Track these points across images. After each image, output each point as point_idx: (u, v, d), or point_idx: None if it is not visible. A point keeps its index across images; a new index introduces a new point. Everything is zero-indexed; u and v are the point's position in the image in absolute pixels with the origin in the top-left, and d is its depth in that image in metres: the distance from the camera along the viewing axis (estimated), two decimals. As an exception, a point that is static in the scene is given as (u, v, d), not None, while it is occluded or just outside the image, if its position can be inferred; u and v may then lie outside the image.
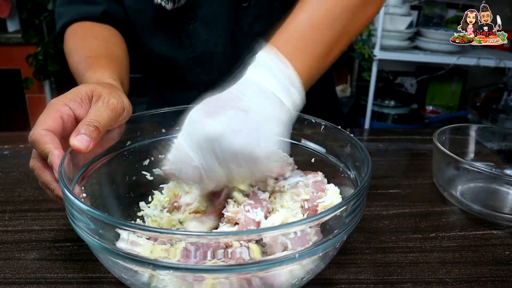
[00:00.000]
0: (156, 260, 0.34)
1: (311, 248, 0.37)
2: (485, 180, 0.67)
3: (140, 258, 0.35)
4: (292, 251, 0.36)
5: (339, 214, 0.38)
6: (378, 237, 0.57)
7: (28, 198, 0.65)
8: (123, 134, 0.54)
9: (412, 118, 2.45)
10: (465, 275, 0.51)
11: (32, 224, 0.58)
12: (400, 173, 0.78)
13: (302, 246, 0.36)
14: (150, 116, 0.57)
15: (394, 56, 2.15)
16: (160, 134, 0.58)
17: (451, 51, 2.14)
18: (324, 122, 0.54)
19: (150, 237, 0.36)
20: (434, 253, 0.55)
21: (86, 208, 0.36)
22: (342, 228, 0.39)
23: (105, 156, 0.52)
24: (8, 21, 2.30)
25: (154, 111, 0.57)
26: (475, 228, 0.61)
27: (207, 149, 0.41)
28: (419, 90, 2.70)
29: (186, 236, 0.34)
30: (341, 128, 0.53)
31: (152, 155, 0.56)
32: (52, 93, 2.35)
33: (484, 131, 0.79)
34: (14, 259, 0.51)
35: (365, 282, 0.49)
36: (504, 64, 2.11)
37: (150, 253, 0.35)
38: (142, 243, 0.36)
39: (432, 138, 0.68)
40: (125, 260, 0.35)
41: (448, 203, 0.67)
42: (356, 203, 0.40)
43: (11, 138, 0.88)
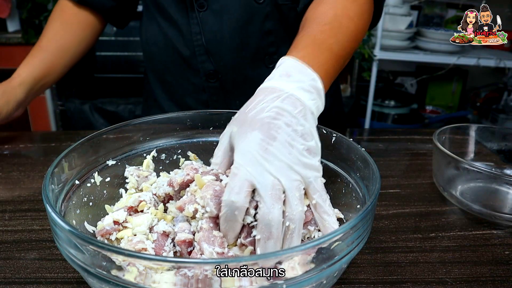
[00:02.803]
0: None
1: (302, 278, 0.34)
2: (485, 180, 0.67)
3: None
4: (279, 282, 0.33)
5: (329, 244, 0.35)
6: (378, 237, 0.57)
7: (28, 198, 0.65)
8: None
9: (412, 118, 2.45)
10: (465, 275, 0.51)
11: (32, 224, 0.58)
12: (400, 173, 0.78)
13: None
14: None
15: (394, 56, 2.15)
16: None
17: (451, 51, 2.14)
18: (335, 133, 0.52)
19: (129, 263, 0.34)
20: (434, 253, 0.55)
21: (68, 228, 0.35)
22: (338, 258, 0.36)
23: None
24: (8, 21, 2.29)
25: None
26: (475, 228, 0.61)
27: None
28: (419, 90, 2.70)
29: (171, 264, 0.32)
30: (353, 141, 0.51)
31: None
32: (52, 93, 2.35)
33: (484, 131, 0.79)
34: (14, 259, 0.51)
35: (365, 282, 0.49)
36: (504, 64, 2.11)
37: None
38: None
39: (432, 138, 0.68)
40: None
41: (448, 203, 0.67)
42: (354, 232, 0.37)
43: (11, 138, 0.88)
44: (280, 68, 0.48)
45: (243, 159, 0.40)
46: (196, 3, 0.77)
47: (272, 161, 0.40)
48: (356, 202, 0.48)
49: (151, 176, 0.55)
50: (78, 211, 0.48)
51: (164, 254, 0.44)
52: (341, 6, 0.61)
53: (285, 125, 0.42)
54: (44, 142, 0.91)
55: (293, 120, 0.42)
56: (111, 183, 0.54)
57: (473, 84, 2.68)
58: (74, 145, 0.49)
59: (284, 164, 0.40)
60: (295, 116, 0.43)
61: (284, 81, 0.46)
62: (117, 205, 0.52)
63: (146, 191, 0.52)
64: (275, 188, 0.39)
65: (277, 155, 0.40)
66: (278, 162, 0.40)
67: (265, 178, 0.39)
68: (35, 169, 0.74)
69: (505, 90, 2.52)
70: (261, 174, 0.39)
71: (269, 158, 0.40)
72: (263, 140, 0.41)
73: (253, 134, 0.41)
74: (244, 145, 0.41)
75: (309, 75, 0.47)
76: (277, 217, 0.39)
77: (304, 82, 0.46)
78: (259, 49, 0.80)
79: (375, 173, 0.44)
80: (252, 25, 0.78)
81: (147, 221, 0.47)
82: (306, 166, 0.42)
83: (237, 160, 0.41)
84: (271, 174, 0.40)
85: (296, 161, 0.41)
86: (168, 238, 0.46)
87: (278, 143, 0.41)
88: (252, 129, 0.42)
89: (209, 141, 0.61)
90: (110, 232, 0.46)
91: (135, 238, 0.45)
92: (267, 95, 0.44)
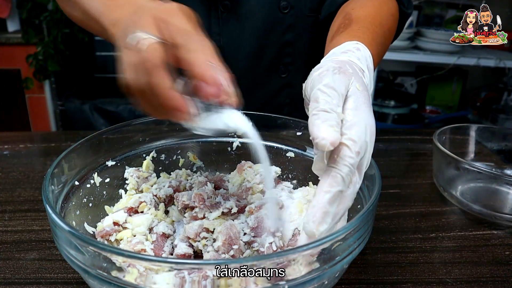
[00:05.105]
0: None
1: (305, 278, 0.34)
2: (485, 180, 0.67)
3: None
4: (281, 282, 0.33)
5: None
6: (378, 237, 0.57)
7: (28, 198, 0.65)
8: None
9: (412, 118, 2.45)
10: (465, 275, 0.51)
11: (32, 224, 0.58)
12: (400, 173, 0.78)
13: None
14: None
15: (394, 56, 2.14)
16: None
17: (451, 51, 2.14)
18: None
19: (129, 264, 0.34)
20: (434, 253, 0.55)
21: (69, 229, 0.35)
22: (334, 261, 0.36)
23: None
24: (8, 21, 2.29)
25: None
26: (475, 228, 0.61)
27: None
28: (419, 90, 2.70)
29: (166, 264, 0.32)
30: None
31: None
32: (52, 93, 2.34)
33: (484, 131, 0.79)
34: (14, 259, 0.51)
35: (365, 282, 0.49)
36: (504, 64, 2.11)
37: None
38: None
39: (432, 138, 0.68)
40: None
41: (448, 203, 0.67)
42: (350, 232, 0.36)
43: (11, 138, 0.88)
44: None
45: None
46: (220, 3, 0.75)
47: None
48: (356, 202, 0.48)
49: (151, 177, 0.55)
50: (78, 212, 0.48)
51: (163, 255, 0.44)
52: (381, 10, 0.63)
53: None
54: (44, 142, 0.91)
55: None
56: (110, 184, 0.54)
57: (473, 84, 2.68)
58: (74, 145, 0.49)
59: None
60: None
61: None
62: (117, 206, 0.52)
63: (147, 192, 0.52)
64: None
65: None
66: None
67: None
68: (35, 169, 0.74)
69: (505, 90, 2.52)
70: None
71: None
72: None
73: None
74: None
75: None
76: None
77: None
78: (276, 58, 0.80)
79: (376, 173, 0.44)
80: (272, 34, 0.77)
81: (146, 221, 0.47)
82: None
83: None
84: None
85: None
86: (168, 239, 0.46)
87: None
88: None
89: (209, 142, 0.61)
90: (110, 233, 0.46)
91: (134, 239, 0.45)
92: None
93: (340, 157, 0.36)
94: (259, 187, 0.52)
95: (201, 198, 0.46)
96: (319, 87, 0.38)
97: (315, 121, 0.36)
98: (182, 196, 0.47)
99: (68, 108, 2.33)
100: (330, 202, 0.35)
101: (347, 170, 0.36)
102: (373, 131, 0.39)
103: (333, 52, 0.48)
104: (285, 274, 0.33)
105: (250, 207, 0.47)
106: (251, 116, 0.61)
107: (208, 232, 0.44)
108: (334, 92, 0.38)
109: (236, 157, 0.61)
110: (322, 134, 0.35)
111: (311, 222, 0.35)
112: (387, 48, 0.64)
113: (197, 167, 0.62)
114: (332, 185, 0.35)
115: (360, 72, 0.44)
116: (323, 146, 0.35)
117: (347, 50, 0.47)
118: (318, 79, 0.39)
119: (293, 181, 0.60)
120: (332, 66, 0.41)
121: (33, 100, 2.39)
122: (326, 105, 0.37)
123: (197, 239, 0.44)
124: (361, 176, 0.39)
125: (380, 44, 0.56)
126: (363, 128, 0.37)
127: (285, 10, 0.76)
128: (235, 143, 0.61)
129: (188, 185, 0.53)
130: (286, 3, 0.75)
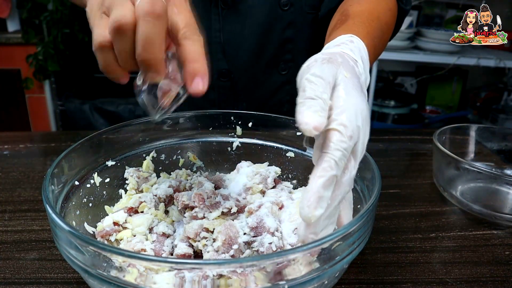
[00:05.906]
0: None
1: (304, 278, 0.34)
2: (485, 180, 0.67)
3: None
4: (281, 282, 0.33)
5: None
6: (378, 237, 0.57)
7: (28, 198, 0.65)
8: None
9: (412, 118, 2.45)
10: (465, 275, 0.51)
11: (32, 224, 0.58)
12: (400, 173, 0.78)
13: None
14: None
15: (394, 56, 2.14)
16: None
17: (451, 51, 2.14)
18: None
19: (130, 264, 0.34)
20: (434, 253, 0.55)
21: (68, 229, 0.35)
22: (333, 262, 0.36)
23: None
24: (8, 21, 2.29)
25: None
26: (475, 228, 0.61)
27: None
28: (419, 90, 2.70)
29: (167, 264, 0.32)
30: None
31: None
32: (52, 93, 2.35)
33: (484, 131, 0.79)
34: (14, 259, 0.51)
35: (365, 282, 0.49)
36: (504, 64, 2.11)
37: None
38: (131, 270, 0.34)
39: (432, 138, 0.68)
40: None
41: (448, 203, 0.67)
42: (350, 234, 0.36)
43: (11, 138, 0.88)
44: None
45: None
46: (221, 0, 0.76)
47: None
48: (356, 202, 0.48)
49: (151, 177, 0.55)
50: (78, 212, 0.48)
51: (163, 255, 0.44)
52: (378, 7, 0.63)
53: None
54: (44, 142, 0.91)
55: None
56: (110, 184, 0.54)
57: (473, 84, 2.68)
58: (74, 145, 0.49)
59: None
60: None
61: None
62: (117, 206, 0.52)
63: (147, 192, 0.52)
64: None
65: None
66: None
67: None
68: (35, 169, 0.74)
69: (505, 90, 2.52)
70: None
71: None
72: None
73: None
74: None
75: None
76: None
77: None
78: (276, 55, 0.80)
79: (376, 173, 0.44)
80: (273, 31, 0.78)
81: (146, 221, 0.47)
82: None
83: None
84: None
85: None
86: (168, 239, 0.46)
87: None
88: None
89: (209, 141, 0.61)
90: (110, 233, 0.46)
91: (134, 239, 0.45)
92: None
93: (332, 142, 0.36)
94: (259, 187, 0.52)
95: (201, 198, 0.46)
96: (306, 76, 0.38)
97: (300, 108, 0.36)
98: (182, 196, 0.47)
99: (68, 108, 2.33)
100: (324, 187, 0.35)
101: (339, 154, 0.36)
102: (365, 116, 0.38)
103: (327, 46, 0.48)
104: (285, 274, 0.33)
105: (250, 207, 0.47)
106: (251, 116, 0.61)
107: (208, 232, 0.44)
108: (320, 80, 0.38)
109: (236, 157, 0.61)
110: (305, 119, 0.35)
111: (306, 207, 0.35)
112: (386, 42, 0.64)
113: (197, 167, 0.62)
114: (325, 170, 0.35)
115: (352, 62, 0.43)
116: (305, 130, 0.35)
117: (340, 43, 0.47)
118: (307, 69, 0.40)
119: (293, 181, 0.60)
120: (321, 57, 0.41)
121: (33, 100, 2.39)
122: (312, 93, 0.37)
123: (197, 239, 0.44)
124: (356, 161, 0.38)
125: (377, 37, 0.56)
126: (353, 112, 0.37)
127: (285, 7, 0.76)
128: (235, 143, 0.61)
129: (188, 185, 0.53)
130: (286, 0, 0.75)
